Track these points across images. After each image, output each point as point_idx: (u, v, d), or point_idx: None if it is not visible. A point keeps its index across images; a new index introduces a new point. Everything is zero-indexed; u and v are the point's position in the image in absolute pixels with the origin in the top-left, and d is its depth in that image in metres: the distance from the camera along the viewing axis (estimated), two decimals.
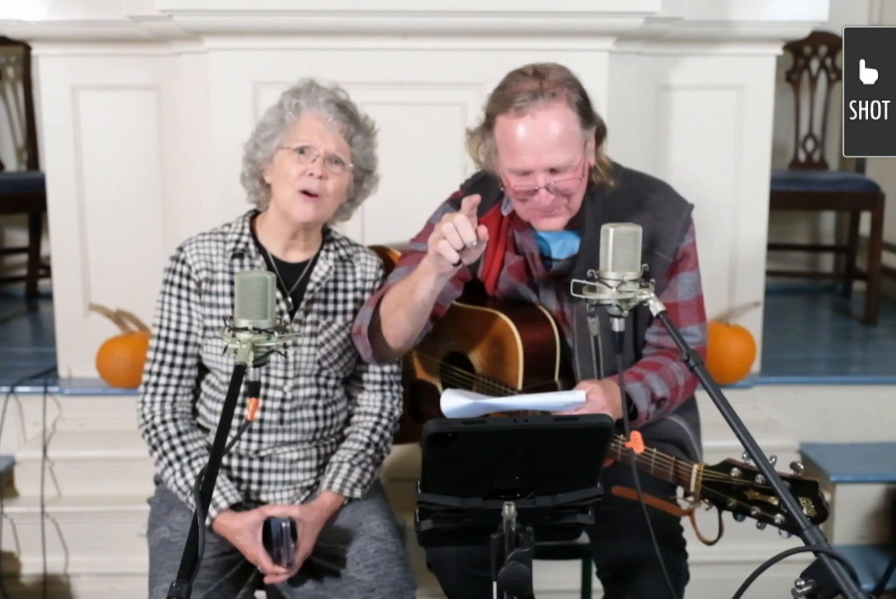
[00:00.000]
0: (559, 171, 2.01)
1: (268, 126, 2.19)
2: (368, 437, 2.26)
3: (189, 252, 2.21)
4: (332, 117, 2.15)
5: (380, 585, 2.06)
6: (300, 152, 2.13)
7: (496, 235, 2.20)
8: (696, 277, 2.20)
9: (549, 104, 1.98)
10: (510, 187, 2.06)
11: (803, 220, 4.73)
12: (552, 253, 2.20)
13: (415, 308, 2.07)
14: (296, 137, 2.14)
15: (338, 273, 2.26)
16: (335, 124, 2.15)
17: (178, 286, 2.21)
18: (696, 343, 2.17)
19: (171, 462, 2.17)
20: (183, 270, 2.20)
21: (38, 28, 3.05)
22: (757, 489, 1.76)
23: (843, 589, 1.40)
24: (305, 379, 2.22)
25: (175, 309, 2.21)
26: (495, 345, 2.20)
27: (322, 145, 2.13)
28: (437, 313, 2.18)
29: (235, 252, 2.21)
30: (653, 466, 1.95)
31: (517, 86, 2.01)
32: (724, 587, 2.63)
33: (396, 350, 2.20)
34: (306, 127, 2.14)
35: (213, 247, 2.22)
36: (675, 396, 2.13)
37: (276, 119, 2.18)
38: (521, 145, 1.99)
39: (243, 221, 2.26)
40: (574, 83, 2.04)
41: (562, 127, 1.99)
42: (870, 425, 3.27)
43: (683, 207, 2.18)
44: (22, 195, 4.08)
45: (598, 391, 1.97)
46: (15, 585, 3.00)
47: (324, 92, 2.19)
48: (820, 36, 3.98)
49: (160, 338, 2.22)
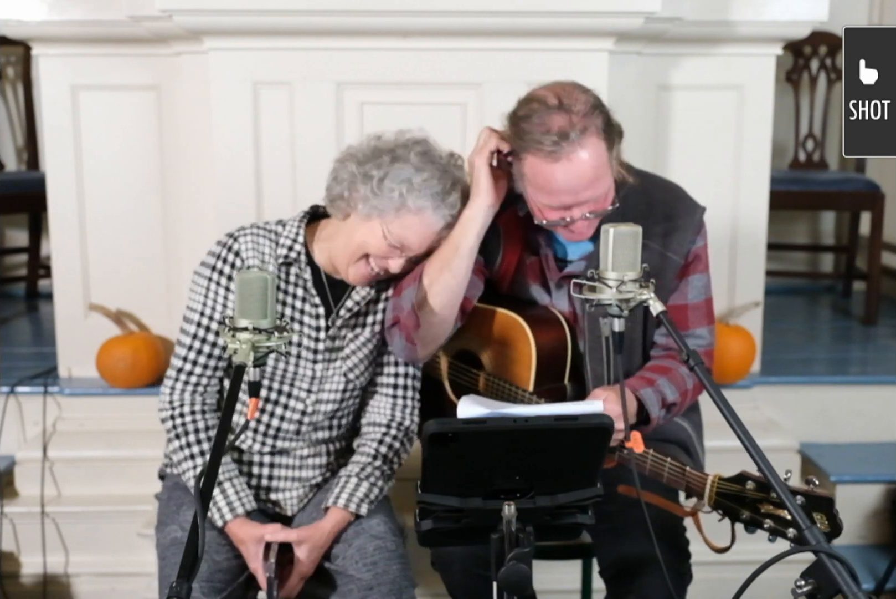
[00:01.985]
0: (594, 201, 1.99)
1: (383, 195, 2.02)
2: (376, 449, 2.22)
3: (244, 244, 2.12)
4: (438, 227, 2.05)
5: (378, 583, 2.06)
6: (392, 248, 2.05)
7: (512, 235, 2.18)
8: (706, 279, 2.19)
9: (582, 142, 1.91)
10: (542, 216, 2.03)
11: (803, 220, 4.73)
12: (567, 255, 2.20)
13: (463, 262, 2.04)
14: (396, 230, 2.03)
15: (378, 289, 2.20)
16: (438, 232, 2.06)
17: (226, 277, 2.12)
18: (704, 346, 2.17)
19: (192, 456, 2.13)
20: (235, 261, 2.12)
21: (38, 28, 3.04)
22: (771, 503, 1.75)
23: (843, 589, 1.40)
24: (329, 394, 2.20)
25: (218, 298, 2.12)
26: (507, 345, 2.19)
27: (413, 249, 2.06)
28: (465, 308, 2.16)
29: (287, 260, 2.14)
30: (666, 475, 1.95)
31: (543, 123, 1.92)
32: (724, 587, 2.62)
33: (440, 328, 2.12)
34: (407, 228, 2.03)
35: (266, 245, 2.14)
36: (685, 400, 2.14)
37: (395, 199, 2.02)
38: (557, 187, 1.95)
39: (299, 226, 2.17)
40: (596, 105, 1.96)
41: (595, 163, 1.94)
42: (870, 425, 3.27)
43: (696, 209, 2.17)
44: (22, 195, 4.08)
45: (612, 399, 1.96)
46: (15, 585, 3.00)
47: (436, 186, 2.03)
48: (820, 36, 3.97)
49: (199, 325, 2.14)
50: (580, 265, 2.16)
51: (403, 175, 2.02)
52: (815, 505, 1.70)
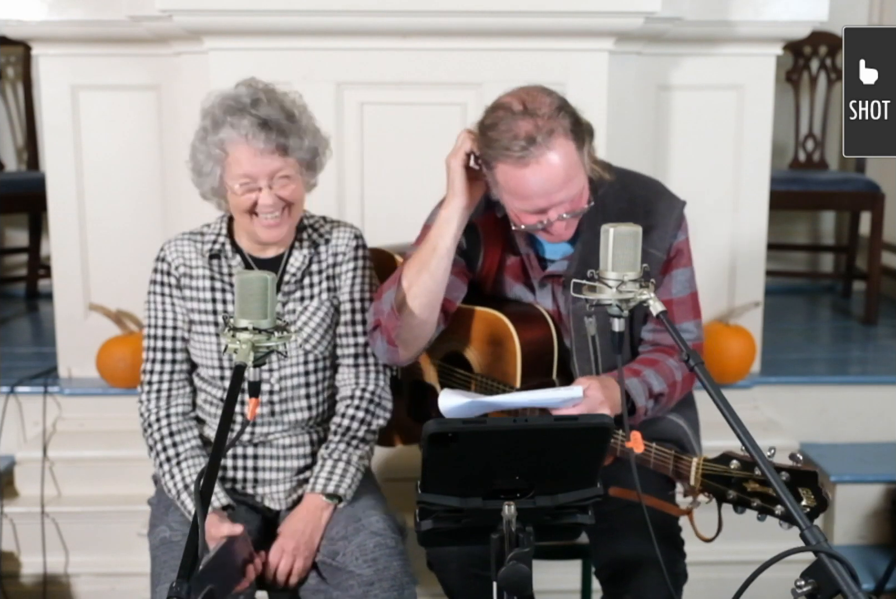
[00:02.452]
0: (570, 201, 1.99)
1: (202, 162, 2.15)
2: (338, 423, 2.24)
3: (168, 250, 2.26)
4: (261, 143, 2.09)
5: (379, 579, 2.07)
6: (245, 185, 2.12)
7: (492, 237, 2.20)
8: (689, 273, 2.20)
9: (550, 144, 1.91)
10: (519, 221, 2.03)
11: (803, 220, 4.73)
12: (548, 254, 2.20)
13: (441, 262, 2.07)
14: (234, 174, 2.12)
15: (312, 257, 2.27)
16: (265, 148, 2.10)
17: (160, 284, 2.25)
18: (692, 340, 2.18)
19: (161, 463, 2.20)
20: (164, 267, 2.25)
21: (38, 28, 3.05)
22: (757, 481, 1.77)
23: (843, 589, 1.39)
24: (291, 368, 2.23)
25: (161, 307, 2.25)
26: (493, 344, 2.20)
27: (262, 173, 2.11)
28: (447, 309, 2.18)
29: (212, 253, 2.24)
30: (652, 460, 1.96)
31: (509, 129, 1.92)
32: (724, 587, 2.63)
33: (420, 330, 2.14)
34: (239, 160, 2.11)
35: (190, 246, 2.26)
36: (674, 391, 2.14)
37: (206, 155, 2.14)
38: (530, 192, 1.96)
39: (221, 222, 2.29)
40: (561, 106, 1.96)
41: (566, 163, 1.94)
42: (870, 425, 3.27)
43: (676, 203, 2.18)
44: (22, 195, 4.08)
45: (595, 386, 1.97)
46: (15, 585, 3.00)
47: (240, 116, 2.10)
48: (820, 36, 3.97)
49: (150, 337, 2.26)
50: (562, 265, 2.17)
51: (193, 139, 2.17)
52: (800, 480, 1.72)
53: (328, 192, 2.96)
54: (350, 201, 3.00)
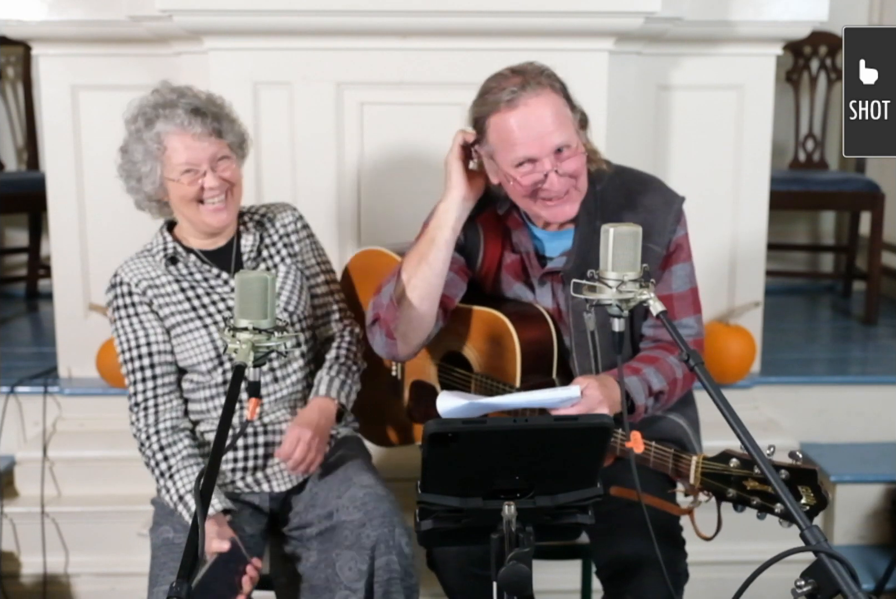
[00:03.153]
0: (563, 151, 2.02)
1: (139, 162, 2.18)
2: (336, 353, 2.36)
3: (123, 273, 2.28)
4: (197, 128, 2.15)
5: (369, 518, 2.11)
6: (188, 174, 2.16)
7: (492, 234, 2.21)
8: (689, 268, 2.20)
9: (538, 91, 2.01)
10: (517, 184, 2.04)
11: (803, 220, 4.73)
12: (547, 252, 2.21)
13: (440, 254, 2.10)
14: (175, 165, 2.16)
15: (262, 235, 2.34)
16: (202, 131, 2.16)
17: (124, 307, 2.26)
18: (692, 335, 2.18)
19: (157, 479, 2.22)
20: (123, 290, 2.26)
21: (38, 28, 3.05)
22: (756, 479, 1.77)
23: (843, 589, 1.39)
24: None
25: (130, 328, 2.25)
26: (493, 344, 2.20)
27: (203, 158, 2.17)
28: (447, 307, 2.18)
29: (167, 257, 2.27)
30: (652, 459, 1.96)
31: (500, 85, 2.04)
32: (724, 587, 2.64)
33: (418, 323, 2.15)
34: (178, 150, 2.16)
35: (143, 262, 2.29)
36: (674, 389, 2.14)
37: (143, 153, 2.17)
38: (521, 135, 2.01)
39: (162, 233, 2.33)
40: (551, 73, 2.07)
41: (555, 109, 2.02)
42: (870, 425, 3.27)
43: (674, 199, 2.18)
44: (22, 195, 4.08)
45: (593, 386, 1.97)
46: (15, 585, 3.00)
47: (172, 107, 2.17)
48: (820, 36, 3.98)
49: (128, 360, 2.26)
50: (561, 262, 2.17)
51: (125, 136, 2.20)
52: (799, 479, 1.72)
53: (328, 192, 2.96)
54: (349, 201, 3.00)
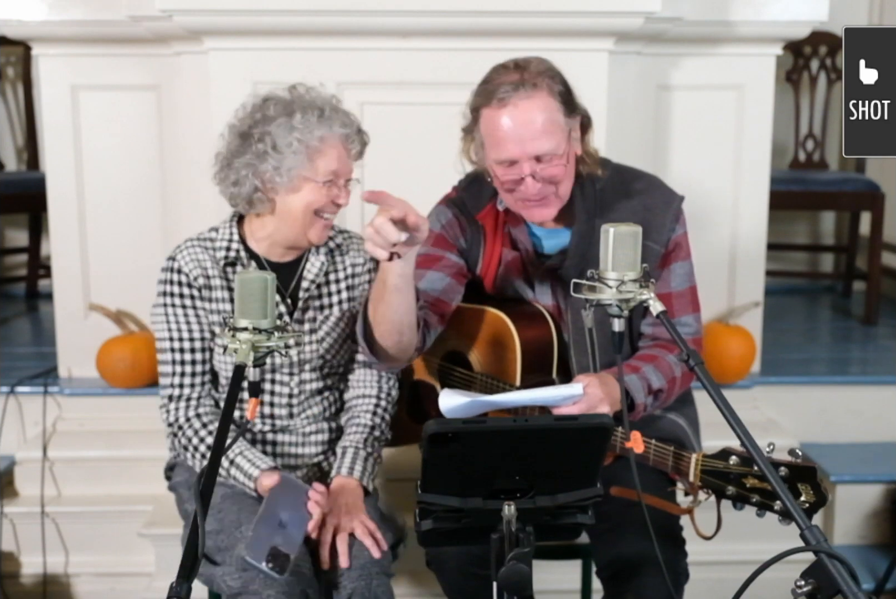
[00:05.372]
0: (544, 159, 2.03)
1: (283, 151, 2.09)
2: (371, 420, 2.27)
3: (182, 261, 2.19)
4: (356, 147, 2.18)
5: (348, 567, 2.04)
6: (329, 183, 2.14)
7: (493, 231, 2.22)
8: (688, 267, 2.20)
9: (531, 94, 2.01)
10: (497, 178, 2.08)
11: (803, 220, 4.73)
12: (544, 249, 2.21)
13: (392, 297, 2.01)
14: (323, 170, 2.12)
15: (329, 265, 2.27)
16: (355, 152, 2.19)
17: (179, 296, 2.19)
18: (691, 334, 2.18)
19: (204, 455, 2.16)
20: (181, 279, 2.19)
21: (38, 28, 3.05)
22: (756, 477, 1.77)
23: (843, 589, 1.39)
24: (310, 374, 2.25)
25: (182, 319, 2.19)
26: (493, 343, 2.20)
27: (345, 174, 2.16)
28: (444, 312, 2.18)
29: (228, 261, 2.20)
30: (651, 456, 1.96)
31: (499, 78, 2.04)
32: (724, 587, 2.64)
33: (397, 349, 2.14)
34: (332, 157, 2.13)
35: (203, 254, 2.21)
36: (673, 387, 2.14)
37: (297, 144, 2.09)
38: (504, 135, 2.02)
39: (231, 227, 2.24)
40: (555, 73, 2.07)
41: (544, 115, 2.01)
42: (870, 425, 3.27)
43: (673, 197, 2.19)
44: (22, 195, 4.08)
45: (594, 384, 1.97)
46: (15, 585, 3.00)
47: (339, 115, 2.16)
48: (820, 36, 3.98)
49: (173, 351, 2.19)
50: (559, 260, 2.18)
51: (284, 126, 2.09)
52: (798, 476, 1.72)
53: None
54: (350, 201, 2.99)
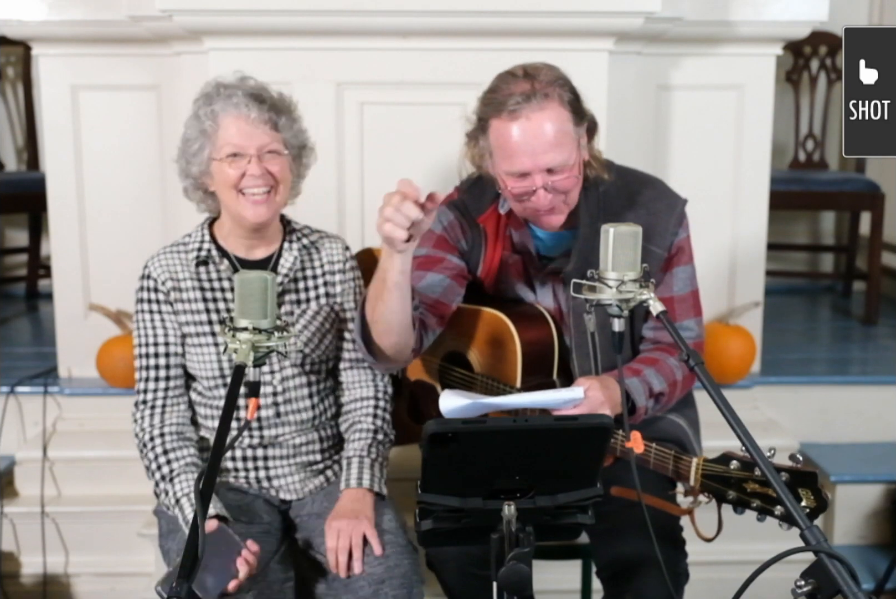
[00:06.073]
0: (556, 170, 2.02)
1: (191, 140, 2.17)
2: (373, 423, 2.27)
3: (152, 267, 2.24)
4: (253, 113, 2.13)
5: (390, 576, 2.05)
6: (233, 157, 2.13)
7: (495, 234, 2.21)
8: (691, 271, 2.20)
9: (542, 105, 1.99)
10: (507, 190, 2.06)
11: (803, 220, 4.73)
12: (547, 252, 2.21)
13: (391, 295, 2.02)
14: (223, 145, 2.14)
15: (304, 261, 2.27)
16: (257, 117, 2.14)
17: (148, 301, 2.24)
18: (692, 338, 2.18)
19: (157, 482, 2.19)
20: (150, 284, 2.24)
21: (38, 28, 3.05)
22: (756, 482, 1.77)
23: (843, 589, 1.39)
24: (292, 369, 2.24)
25: (150, 324, 2.24)
26: (494, 344, 2.20)
27: (251, 144, 2.13)
28: (443, 313, 2.18)
29: (199, 260, 2.23)
30: (652, 460, 1.96)
31: (508, 88, 2.01)
32: (724, 587, 2.63)
33: (394, 350, 2.15)
34: (229, 131, 2.14)
35: (174, 258, 2.25)
36: (674, 391, 2.14)
37: (197, 131, 2.16)
38: (516, 148, 2.00)
39: (202, 229, 2.28)
40: (564, 81, 2.05)
41: (556, 127, 2.00)
42: (870, 425, 3.27)
43: (676, 201, 2.19)
44: (22, 195, 4.08)
45: (595, 387, 1.97)
46: (15, 585, 3.00)
47: (234, 89, 2.16)
48: (820, 36, 3.98)
49: (142, 356, 2.25)
50: (562, 262, 2.17)
51: (189, 119, 2.19)
52: (799, 481, 1.72)
53: (328, 192, 2.96)
54: (350, 201, 3.00)
